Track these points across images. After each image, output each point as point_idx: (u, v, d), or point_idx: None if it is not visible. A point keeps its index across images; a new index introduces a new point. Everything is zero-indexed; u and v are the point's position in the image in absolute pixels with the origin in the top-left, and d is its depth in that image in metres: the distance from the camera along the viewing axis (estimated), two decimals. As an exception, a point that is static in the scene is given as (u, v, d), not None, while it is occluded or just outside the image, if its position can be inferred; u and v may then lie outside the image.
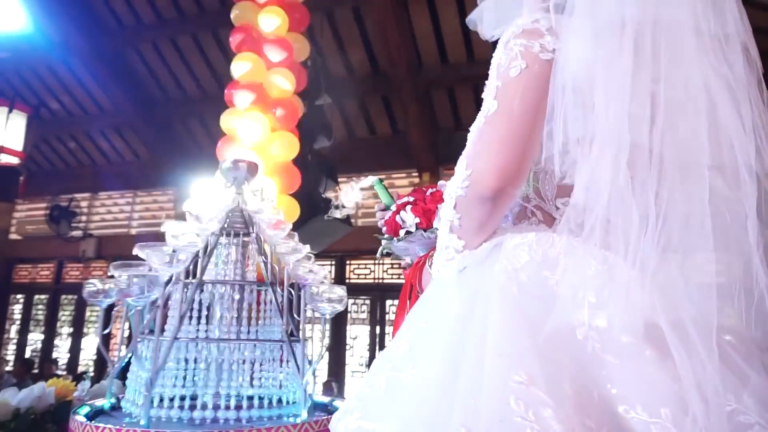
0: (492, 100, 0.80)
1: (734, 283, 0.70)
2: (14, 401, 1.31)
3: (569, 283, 0.69)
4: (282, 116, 2.55)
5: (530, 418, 0.57)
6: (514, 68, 0.79)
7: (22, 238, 8.25)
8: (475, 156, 0.80)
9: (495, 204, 0.79)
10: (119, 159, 7.94)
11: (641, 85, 0.73)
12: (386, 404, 0.66)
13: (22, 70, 7.04)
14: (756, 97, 0.76)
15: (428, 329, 0.72)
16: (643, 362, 0.63)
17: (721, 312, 0.68)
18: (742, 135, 0.72)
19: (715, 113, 0.73)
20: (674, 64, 0.74)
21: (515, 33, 0.81)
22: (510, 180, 0.77)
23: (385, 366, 0.71)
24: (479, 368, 0.62)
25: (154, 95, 7.11)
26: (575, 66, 0.75)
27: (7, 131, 5.52)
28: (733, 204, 0.71)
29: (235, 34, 2.62)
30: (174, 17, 6.36)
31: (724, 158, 0.72)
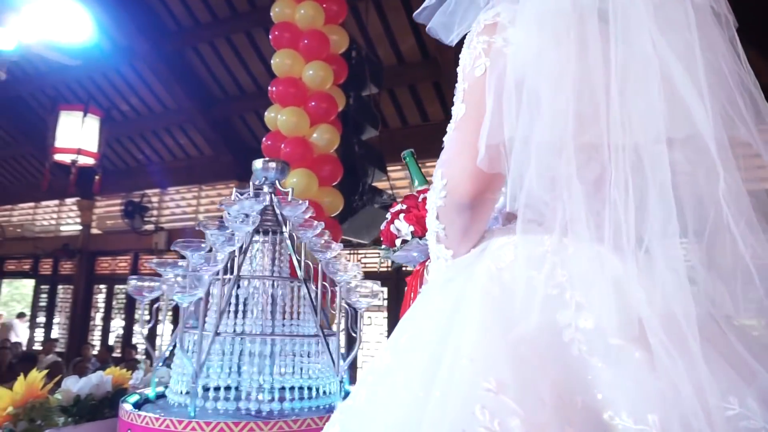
0: (460, 104, 0.77)
1: (718, 267, 0.65)
2: (75, 388, 1.42)
3: (556, 282, 0.66)
4: (320, 108, 2.59)
5: (495, 429, 0.54)
6: (479, 67, 0.75)
7: (102, 232, 8.85)
8: (448, 164, 0.77)
9: (475, 210, 0.76)
10: (184, 155, 8.33)
11: (591, 72, 0.68)
12: (365, 417, 0.66)
13: (94, 75, 7.50)
14: (723, 56, 0.69)
15: (410, 341, 0.71)
16: (631, 366, 0.59)
17: (718, 304, 0.63)
18: (698, 101, 0.65)
19: (670, 83, 0.66)
20: (624, 40, 0.68)
21: (477, 30, 0.77)
22: (486, 185, 0.75)
23: (367, 379, 0.71)
24: (451, 376, 0.60)
25: (213, 92, 7.38)
26: (519, 58, 0.71)
27: (83, 134, 5.93)
28: (697, 178, 0.66)
29: (274, 31, 2.68)
30: (228, 16, 6.54)
31: (681, 130, 0.66)
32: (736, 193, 0.64)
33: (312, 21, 2.63)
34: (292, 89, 2.60)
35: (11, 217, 10.03)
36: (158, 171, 8.46)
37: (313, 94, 2.64)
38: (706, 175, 0.65)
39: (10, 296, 11.72)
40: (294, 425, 1.10)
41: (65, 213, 9.48)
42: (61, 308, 9.23)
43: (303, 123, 2.62)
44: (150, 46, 6.74)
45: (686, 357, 0.58)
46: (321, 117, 2.60)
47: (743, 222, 0.63)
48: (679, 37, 0.69)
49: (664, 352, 0.59)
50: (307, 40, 2.62)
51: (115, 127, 7.73)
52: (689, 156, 0.66)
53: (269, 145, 2.75)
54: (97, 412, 1.44)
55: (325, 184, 2.64)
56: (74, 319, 8.56)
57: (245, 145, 7.44)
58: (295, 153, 2.54)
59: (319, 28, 2.66)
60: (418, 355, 0.68)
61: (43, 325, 9.19)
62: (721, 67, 0.69)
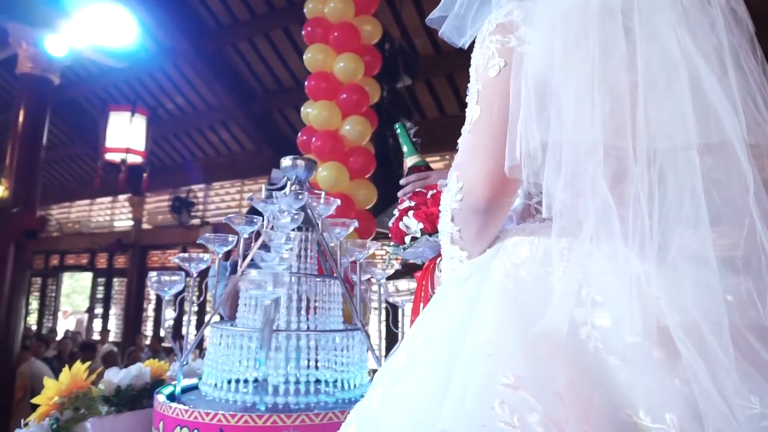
0: (474, 106, 0.76)
1: (743, 266, 0.63)
2: (116, 380, 1.49)
3: (573, 279, 0.65)
4: (351, 101, 2.59)
5: (515, 424, 0.54)
6: (493, 67, 0.74)
7: (152, 227, 9.22)
8: (464, 167, 0.76)
9: (491, 214, 0.75)
10: (227, 151, 8.54)
11: (616, 73, 0.66)
12: (380, 417, 0.67)
13: (140, 76, 7.79)
14: (745, 60, 0.66)
15: (425, 341, 0.71)
16: (649, 364, 0.58)
17: (741, 306, 0.61)
18: (728, 107, 0.63)
19: (699, 87, 0.64)
20: (650, 41, 0.66)
21: (489, 30, 0.76)
22: (502, 188, 0.74)
23: (382, 379, 0.71)
24: (468, 372, 0.60)
25: (253, 88, 7.52)
26: (539, 60, 0.69)
27: (131, 133, 6.17)
28: (727, 185, 0.64)
29: (307, 27, 2.70)
30: (265, 12, 6.64)
31: (712, 135, 0.64)
32: (763, 199, 0.62)
33: (342, 13, 2.63)
34: (324, 83, 2.61)
35: (69, 214, 10.60)
36: (202, 167, 8.72)
37: (344, 86, 2.65)
38: (738, 182, 0.63)
39: (72, 288, 12.40)
40: (316, 419, 1.11)
41: (118, 209, 9.93)
42: (116, 300, 9.69)
43: (334, 116, 2.63)
44: (191, 46, 6.93)
45: (706, 357, 0.57)
46: (352, 109, 2.60)
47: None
48: (707, 40, 0.66)
49: (684, 351, 0.58)
50: (337, 32, 2.62)
51: (162, 126, 8.02)
52: (720, 162, 0.64)
53: (303, 140, 2.78)
54: (137, 402, 1.51)
55: (358, 177, 2.64)
56: (128, 310, 8.98)
57: (285, 140, 7.56)
58: (326, 146, 2.56)
59: (350, 20, 2.66)
60: (434, 356, 0.68)
61: (101, 316, 9.69)
62: (745, 72, 0.67)
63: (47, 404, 1.35)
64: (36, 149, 5.19)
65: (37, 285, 11.07)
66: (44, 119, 5.29)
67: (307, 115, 2.70)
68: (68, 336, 8.34)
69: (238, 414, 1.10)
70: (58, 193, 10.44)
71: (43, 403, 1.35)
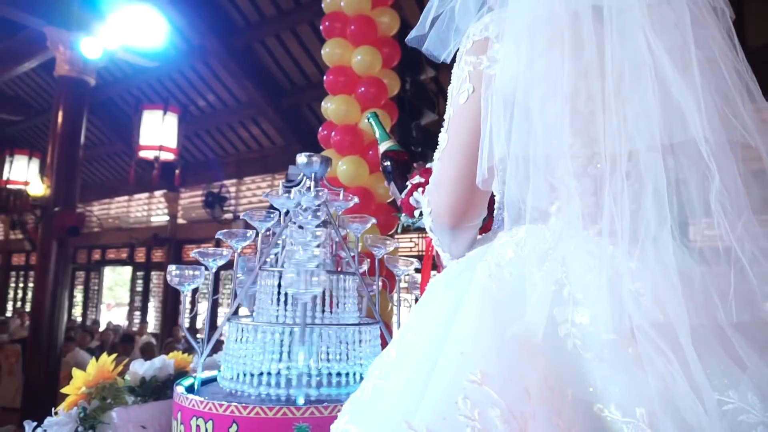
0: (444, 134, 0.79)
1: (724, 260, 0.63)
2: (141, 371, 1.55)
3: (555, 278, 0.66)
4: (370, 94, 2.60)
5: (474, 417, 0.56)
6: (463, 93, 0.76)
7: (186, 222, 9.46)
8: (432, 194, 0.82)
9: (458, 233, 0.81)
10: (257, 146, 8.68)
11: (587, 75, 0.67)
12: (370, 409, 0.69)
13: (172, 74, 7.98)
14: (720, 52, 0.64)
15: (414, 337, 0.73)
16: (623, 361, 0.59)
17: (722, 301, 0.60)
18: (692, 105, 0.63)
19: (665, 86, 0.65)
20: (619, 43, 0.66)
21: (467, 47, 0.77)
22: (464, 216, 0.79)
23: (374, 372, 0.74)
24: (442, 369, 0.63)
25: (281, 84, 7.61)
26: (508, 74, 0.70)
27: (163, 131, 6.33)
28: (693, 185, 0.65)
29: (324, 22, 2.72)
30: (292, 8, 6.70)
31: (675, 135, 0.65)
32: (733, 194, 0.63)
33: (358, 6, 2.63)
34: (342, 77, 2.63)
35: (109, 210, 10.98)
36: (234, 162, 8.88)
37: (362, 79, 2.66)
38: (700, 180, 0.64)
39: (115, 281, 12.88)
40: (325, 411, 1.14)
41: (155, 205, 10.23)
42: (155, 293, 10.01)
43: (353, 110, 2.65)
44: (221, 44, 7.05)
45: (680, 353, 0.58)
46: (371, 102, 2.61)
47: (740, 225, 0.62)
48: (674, 37, 0.66)
49: (659, 348, 0.59)
50: (354, 26, 2.63)
51: (194, 123, 8.21)
52: (682, 161, 0.66)
53: (324, 135, 2.81)
54: (161, 393, 1.57)
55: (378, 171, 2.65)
56: (166, 302, 9.26)
57: (313, 134, 7.56)
58: (344, 141, 2.58)
59: (367, 12, 2.66)
60: (419, 353, 0.70)
61: (140, 308, 10.03)
62: (718, 64, 0.67)
63: (76, 394, 1.42)
64: (74, 149, 5.39)
65: (81, 278, 11.54)
66: (81, 120, 5.49)
67: (326, 110, 2.72)
68: (110, 327, 8.68)
69: (250, 406, 1.14)
70: (98, 190, 10.83)
71: (72, 393, 1.42)
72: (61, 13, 5.36)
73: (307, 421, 1.13)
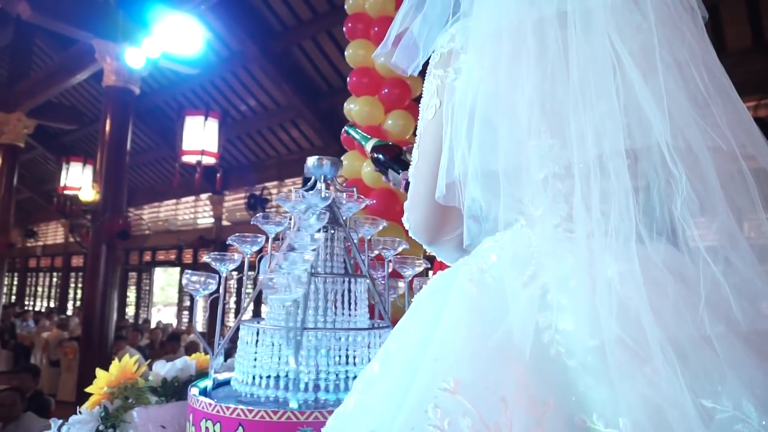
0: (416, 150, 0.77)
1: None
2: (163, 372, 1.59)
3: (540, 283, 0.63)
4: (393, 95, 2.58)
5: (443, 427, 0.53)
6: (431, 108, 0.75)
7: (230, 224, 9.72)
8: (408, 211, 0.82)
9: (439, 247, 0.82)
10: (297, 148, 8.81)
11: (553, 82, 0.64)
12: (353, 424, 0.68)
13: (213, 80, 8.21)
14: (691, 54, 0.60)
15: (397, 349, 0.71)
16: (607, 368, 0.56)
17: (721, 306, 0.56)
18: (657, 111, 0.60)
19: (628, 90, 0.61)
20: (584, 48, 0.63)
21: (435, 60, 0.76)
22: (440, 232, 0.80)
23: (357, 387, 0.72)
24: (418, 378, 0.60)
25: (319, 86, 7.70)
26: (471, 86, 0.67)
27: (205, 136, 6.53)
28: (655, 192, 0.62)
29: (347, 23, 2.73)
30: (327, 10, 6.76)
31: (640, 140, 0.62)
32: (703, 198, 0.60)
33: (382, 7, 2.62)
34: (366, 79, 2.63)
35: (158, 213, 11.43)
36: (275, 164, 9.06)
37: (386, 81, 2.65)
38: (666, 186, 0.62)
39: (166, 282, 13.41)
40: (329, 416, 1.13)
41: (200, 208, 10.57)
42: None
43: (376, 111, 2.64)
44: (259, 49, 7.21)
45: (667, 360, 0.55)
46: (394, 103, 2.59)
47: (715, 231, 0.57)
48: (640, 39, 0.64)
49: (639, 355, 0.56)
50: (377, 27, 2.62)
51: (235, 127, 8.42)
52: (646, 167, 0.64)
53: (347, 137, 2.82)
54: (182, 393, 1.60)
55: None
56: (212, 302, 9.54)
57: (351, 135, 7.69)
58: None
59: (390, 13, 2.65)
60: (401, 363, 0.68)
61: (188, 308, 10.38)
62: (689, 66, 0.64)
63: (99, 393, 1.47)
64: (121, 155, 5.64)
65: (133, 279, 12.07)
66: (127, 127, 5.73)
67: (350, 111, 2.73)
68: (159, 327, 9.02)
69: (255, 409, 1.15)
70: (148, 194, 11.29)
71: (96, 392, 1.47)
72: (108, 25, 5.62)
73: (312, 425, 1.13)
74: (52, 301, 15.07)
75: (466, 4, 0.74)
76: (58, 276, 14.75)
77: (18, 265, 16.37)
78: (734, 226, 0.60)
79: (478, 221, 0.74)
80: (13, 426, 3.84)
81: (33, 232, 14.11)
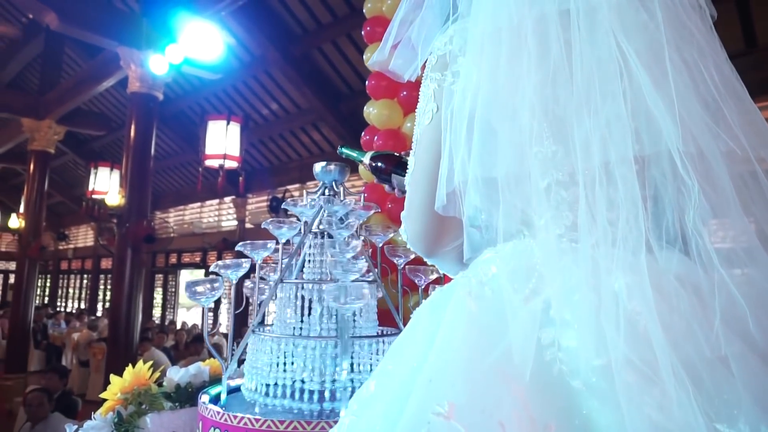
0: (412, 157, 0.74)
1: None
2: (176, 377, 1.60)
3: (542, 297, 0.60)
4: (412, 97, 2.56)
5: None
6: (428, 113, 0.71)
7: (253, 226, 9.81)
8: (405, 222, 0.78)
9: (438, 259, 0.79)
10: (318, 150, 8.85)
11: (552, 92, 0.61)
12: None
13: (236, 85, 8.31)
14: (700, 55, 0.55)
15: (394, 367, 0.68)
16: (613, 389, 0.52)
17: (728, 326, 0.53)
18: (667, 116, 0.55)
19: (636, 92, 0.56)
20: (589, 49, 0.59)
21: (432, 63, 0.72)
22: (438, 243, 0.76)
23: (352, 407, 0.70)
24: (412, 400, 0.57)
25: (339, 89, 7.72)
26: (470, 90, 0.64)
27: (227, 140, 6.60)
28: (669, 202, 0.58)
29: (366, 27, 2.71)
30: (347, 13, 6.77)
31: (650, 146, 0.57)
32: (717, 207, 0.56)
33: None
34: (384, 82, 2.61)
35: (184, 216, 11.62)
36: (297, 167, 9.11)
37: (404, 84, 2.62)
38: (677, 194, 0.58)
39: (192, 283, 13.58)
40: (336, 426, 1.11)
41: (224, 210, 10.70)
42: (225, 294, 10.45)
43: (395, 115, 2.62)
44: (280, 53, 7.26)
45: (682, 381, 0.51)
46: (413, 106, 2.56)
47: (730, 239, 0.53)
48: (647, 39, 0.60)
49: (647, 376, 0.52)
50: (394, 30, 2.60)
51: (258, 130, 8.50)
52: (657, 174, 0.60)
53: (366, 140, 2.80)
54: (196, 399, 1.61)
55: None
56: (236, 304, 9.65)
57: (371, 137, 7.69)
58: (387, 145, 2.56)
59: (406, 17, 2.63)
60: (396, 382, 0.65)
61: (212, 309, 10.52)
62: (698, 66, 0.60)
63: (113, 399, 1.48)
64: (146, 160, 5.74)
65: (160, 281, 12.28)
66: (151, 133, 5.83)
67: (369, 115, 2.71)
68: (184, 328, 9.16)
69: (261, 418, 1.14)
70: (173, 198, 11.49)
71: (110, 398, 1.49)
72: (132, 33, 5.73)
73: (318, 436, 1.12)
74: (83, 302, 15.46)
75: (464, 5, 0.71)
76: (88, 278, 15.13)
77: (50, 267, 16.85)
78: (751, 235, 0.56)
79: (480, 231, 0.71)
80: (41, 426, 3.93)
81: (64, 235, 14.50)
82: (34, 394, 4.01)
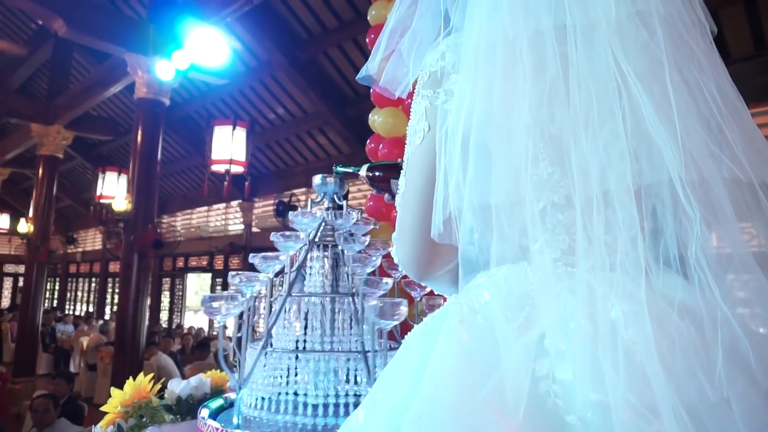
0: (403, 177, 0.71)
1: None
2: (177, 390, 1.59)
3: (536, 326, 0.57)
4: (415, 107, 2.56)
5: None
6: (419, 132, 0.69)
7: (260, 230, 9.83)
8: (396, 243, 0.76)
9: (431, 282, 0.77)
10: (325, 155, 8.85)
11: (548, 112, 0.58)
12: None
13: (242, 89, 8.33)
14: (699, 73, 0.53)
15: (383, 399, 0.65)
16: (611, 426, 0.50)
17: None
18: (666, 138, 0.53)
19: (634, 112, 0.55)
20: (586, 68, 0.56)
21: (423, 79, 0.69)
22: (430, 267, 0.74)
23: None
24: None
25: (345, 93, 7.72)
26: (463, 110, 0.62)
27: (233, 145, 6.61)
28: (670, 236, 0.56)
29: (370, 34, 2.70)
30: (352, 18, 6.78)
31: (651, 175, 0.55)
32: (719, 235, 0.54)
33: (401, 19, 2.59)
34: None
35: (191, 220, 11.66)
36: (303, 171, 9.12)
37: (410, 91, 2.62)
38: (678, 224, 0.56)
39: (200, 287, 13.66)
40: (334, 443, 1.10)
41: (231, 215, 10.73)
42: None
43: (400, 123, 2.61)
44: (286, 58, 7.28)
45: (678, 419, 0.49)
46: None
47: (732, 271, 0.52)
48: (646, 59, 0.58)
49: (645, 412, 0.50)
50: (398, 38, 2.59)
51: (264, 134, 8.52)
52: (655, 201, 0.57)
53: (371, 148, 2.79)
54: (196, 412, 1.60)
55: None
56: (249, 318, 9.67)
57: (377, 142, 7.68)
58: (392, 153, 2.55)
59: (410, 25, 2.62)
60: (384, 416, 0.63)
61: (220, 313, 10.55)
62: (699, 86, 0.58)
63: (113, 412, 1.48)
64: (152, 165, 5.76)
65: (167, 285, 12.34)
66: (158, 138, 5.85)
67: (374, 122, 2.70)
68: (190, 333, 9.18)
69: (260, 436, 1.13)
70: (180, 202, 11.54)
71: (110, 411, 1.48)
72: (139, 39, 5.76)
73: (316, 453, 1.11)
74: (91, 305, 15.55)
75: (457, 18, 0.69)
76: (96, 281, 15.23)
77: (59, 270, 16.98)
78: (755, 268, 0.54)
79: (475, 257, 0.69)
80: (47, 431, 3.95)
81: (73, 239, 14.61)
82: (40, 400, 4.02)
